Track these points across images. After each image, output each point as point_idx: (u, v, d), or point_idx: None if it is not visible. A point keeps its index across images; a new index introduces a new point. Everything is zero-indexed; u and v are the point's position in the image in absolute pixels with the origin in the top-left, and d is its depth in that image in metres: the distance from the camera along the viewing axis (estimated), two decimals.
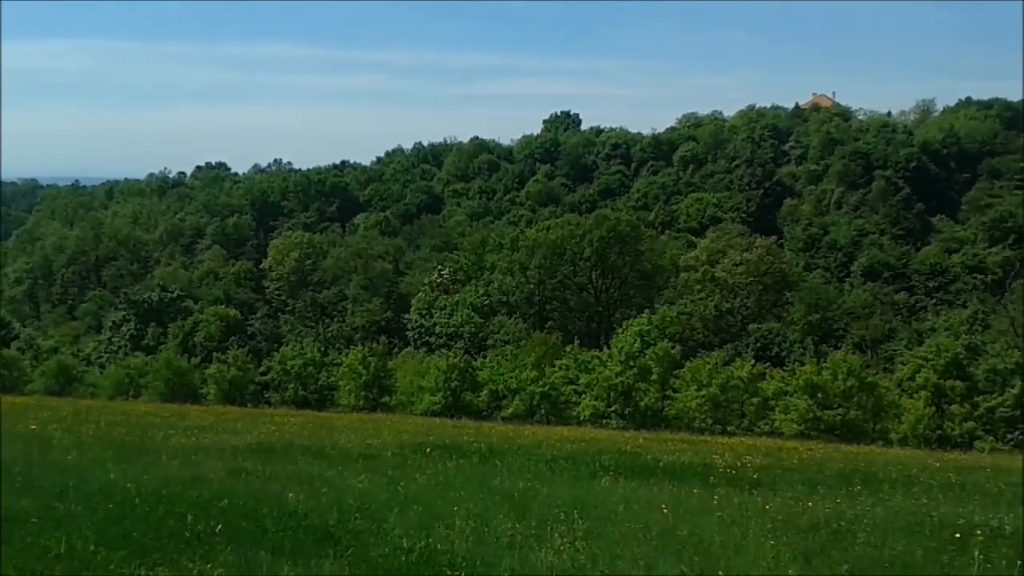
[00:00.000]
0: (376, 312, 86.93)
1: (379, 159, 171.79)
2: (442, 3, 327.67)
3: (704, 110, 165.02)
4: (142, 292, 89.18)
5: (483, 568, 9.99)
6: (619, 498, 15.22)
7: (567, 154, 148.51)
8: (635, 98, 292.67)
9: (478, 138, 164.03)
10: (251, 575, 9.58)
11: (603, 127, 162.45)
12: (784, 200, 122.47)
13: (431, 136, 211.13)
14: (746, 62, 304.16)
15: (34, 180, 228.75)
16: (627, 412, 46.48)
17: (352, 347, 59.77)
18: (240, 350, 60.40)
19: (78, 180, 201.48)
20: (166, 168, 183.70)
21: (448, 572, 9.78)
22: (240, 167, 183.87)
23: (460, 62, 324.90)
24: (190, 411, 40.71)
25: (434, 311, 79.49)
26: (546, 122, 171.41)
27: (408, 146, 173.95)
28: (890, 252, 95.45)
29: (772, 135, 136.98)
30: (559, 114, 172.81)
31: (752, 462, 23.94)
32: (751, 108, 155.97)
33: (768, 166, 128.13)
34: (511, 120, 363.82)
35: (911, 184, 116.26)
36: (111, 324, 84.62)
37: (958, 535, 12.31)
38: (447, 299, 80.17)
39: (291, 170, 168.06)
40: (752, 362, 48.64)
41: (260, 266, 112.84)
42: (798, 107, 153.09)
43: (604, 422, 45.82)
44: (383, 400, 52.53)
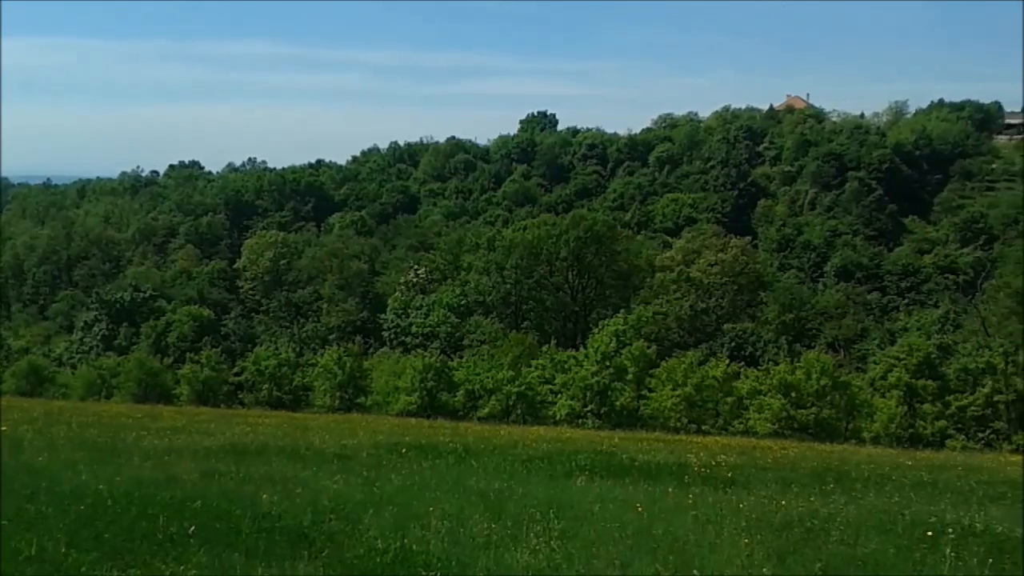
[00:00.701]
0: (351, 312, 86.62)
1: (355, 158, 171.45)
2: (418, 3, 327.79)
3: (680, 111, 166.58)
4: (114, 292, 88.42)
5: (458, 568, 9.96)
6: (595, 497, 15.24)
7: (543, 154, 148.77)
8: (611, 99, 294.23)
9: (454, 138, 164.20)
10: None
11: (579, 127, 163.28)
12: (758, 201, 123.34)
13: (407, 136, 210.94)
14: (721, 63, 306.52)
15: (5, 179, 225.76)
16: (603, 412, 46.59)
17: (327, 347, 59.55)
18: (213, 350, 60.02)
19: (49, 179, 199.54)
20: (138, 167, 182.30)
21: (423, 573, 9.75)
22: (214, 166, 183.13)
23: (436, 61, 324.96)
24: (163, 412, 40.36)
25: (410, 311, 79.33)
26: (522, 122, 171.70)
27: (384, 145, 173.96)
28: (863, 252, 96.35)
29: (747, 136, 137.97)
30: (536, 114, 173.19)
31: (726, 461, 24.06)
32: (726, 109, 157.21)
33: (743, 167, 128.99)
34: (488, 120, 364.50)
35: (884, 185, 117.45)
36: (83, 324, 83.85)
37: (930, 533, 12.42)
38: (423, 299, 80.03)
39: (265, 169, 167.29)
40: (727, 362, 48.93)
41: (234, 266, 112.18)
42: (772, 108, 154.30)
43: (580, 422, 45.88)
44: (358, 400, 52.33)
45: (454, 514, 12.86)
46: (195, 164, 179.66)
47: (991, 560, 10.88)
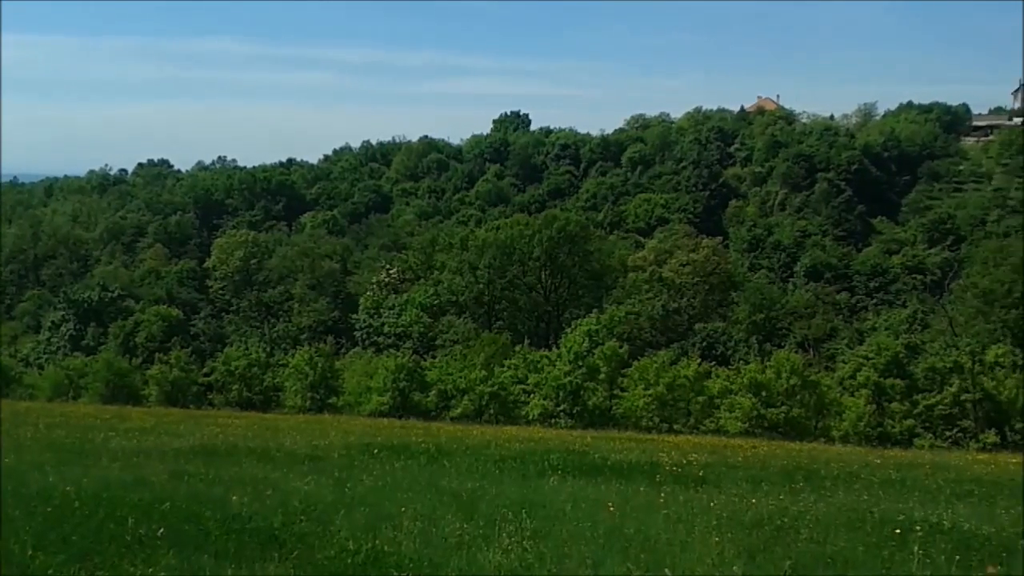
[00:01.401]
0: (323, 312, 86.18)
1: (326, 157, 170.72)
2: (391, 2, 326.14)
3: (652, 112, 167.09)
4: (82, 291, 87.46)
5: (430, 569, 9.95)
6: (567, 497, 15.27)
7: (516, 154, 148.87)
8: (584, 99, 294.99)
9: (427, 137, 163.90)
10: None
11: (552, 127, 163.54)
12: (729, 201, 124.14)
13: (379, 135, 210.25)
14: (693, 65, 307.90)
15: None
16: (575, 411, 46.67)
17: (298, 347, 59.20)
18: (183, 351, 59.53)
19: (16, 177, 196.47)
20: (107, 165, 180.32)
21: (395, 573, 9.72)
22: (183, 164, 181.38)
23: (409, 61, 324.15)
24: (131, 413, 40.03)
25: (382, 311, 79.05)
26: (496, 122, 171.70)
27: (356, 144, 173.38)
28: (832, 253, 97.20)
29: (718, 137, 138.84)
30: (509, 114, 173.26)
31: (698, 460, 24.21)
32: (697, 110, 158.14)
33: (714, 168, 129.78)
34: (460, 120, 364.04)
35: (853, 186, 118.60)
36: (50, 324, 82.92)
37: (898, 531, 12.54)
38: (396, 299, 79.78)
39: (236, 167, 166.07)
40: (698, 361, 49.19)
41: (203, 265, 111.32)
42: (743, 110, 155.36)
43: (553, 421, 45.94)
44: (330, 401, 52.07)
45: (426, 514, 12.84)
46: (164, 162, 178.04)
47: (958, 557, 11.02)
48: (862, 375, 44.43)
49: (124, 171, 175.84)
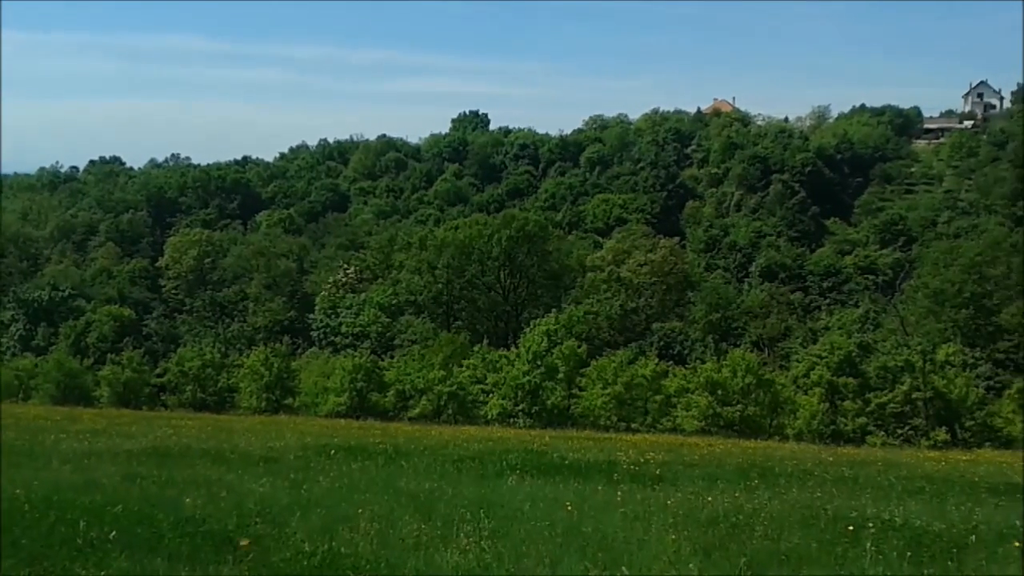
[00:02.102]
0: (279, 312, 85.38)
1: (283, 155, 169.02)
2: (346, 1, 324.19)
3: (610, 112, 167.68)
4: (32, 291, 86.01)
5: (387, 570, 9.89)
6: (525, 496, 15.29)
7: (475, 154, 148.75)
8: (543, 99, 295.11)
9: (385, 136, 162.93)
10: None
11: (511, 127, 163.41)
12: (687, 202, 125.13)
13: (337, 133, 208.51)
14: (651, 66, 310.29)
15: None
16: (534, 411, 46.78)
17: (254, 348, 58.66)
18: (135, 351, 58.90)
19: None
20: (57, 162, 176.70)
21: (352, 575, 9.65)
22: (136, 162, 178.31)
23: (366, 58, 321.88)
24: (82, 414, 39.43)
25: (340, 310, 78.56)
26: (454, 121, 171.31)
27: (313, 142, 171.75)
28: (786, 253, 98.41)
29: (675, 138, 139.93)
30: (467, 113, 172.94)
31: (655, 458, 24.39)
32: (655, 112, 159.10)
33: (671, 168, 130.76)
34: (419, 118, 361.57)
35: (806, 188, 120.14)
36: None
37: (851, 527, 12.71)
38: (353, 298, 79.32)
39: (190, 165, 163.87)
40: (655, 360, 49.62)
41: (156, 264, 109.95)
42: (700, 112, 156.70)
43: (511, 421, 46.04)
44: (286, 402, 51.70)
45: (383, 515, 12.77)
46: (116, 160, 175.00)
47: (910, 553, 11.19)
48: (815, 374, 45.06)
49: (75, 169, 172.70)
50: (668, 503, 15.11)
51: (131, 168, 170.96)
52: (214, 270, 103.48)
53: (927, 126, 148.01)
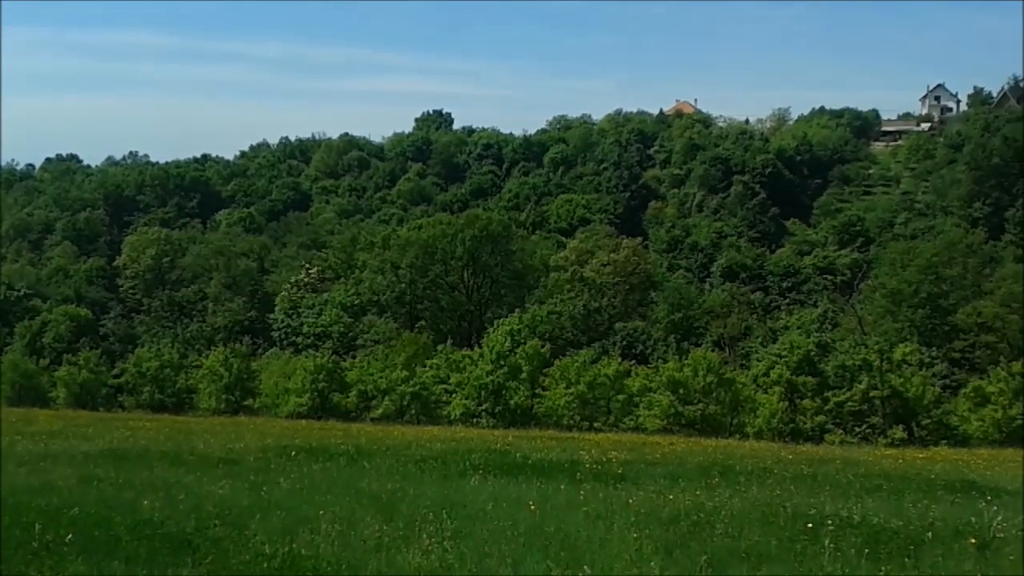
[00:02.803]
0: (239, 312, 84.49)
1: (243, 153, 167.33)
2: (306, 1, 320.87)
3: (574, 113, 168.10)
4: None
5: (349, 571, 9.84)
6: (488, 496, 15.28)
7: (439, 153, 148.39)
8: (506, 99, 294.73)
9: (348, 134, 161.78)
10: None
11: (475, 127, 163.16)
12: (649, 203, 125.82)
13: (298, 131, 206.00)
14: (613, 67, 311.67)
15: None
16: (497, 411, 46.77)
17: (213, 348, 57.99)
18: (92, 351, 58.01)
19: None
20: (13, 160, 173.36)
21: None
22: (93, 159, 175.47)
23: (328, 56, 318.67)
24: (38, 416, 38.79)
25: (301, 310, 77.96)
26: (418, 120, 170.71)
27: (274, 141, 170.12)
28: (747, 254, 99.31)
29: (638, 139, 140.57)
30: (431, 113, 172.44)
31: (617, 457, 24.49)
32: (618, 113, 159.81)
33: (634, 169, 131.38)
34: (382, 117, 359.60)
35: (767, 189, 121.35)
36: None
37: (810, 525, 12.86)
38: (315, 298, 78.75)
39: (148, 163, 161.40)
40: (618, 360, 49.82)
41: (114, 263, 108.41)
42: (662, 113, 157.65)
43: (475, 421, 45.98)
44: (246, 403, 51.22)
45: (345, 517, 12.70)
46: (73, 157, 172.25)
47: (867, 551, 11.34)
48: (775, 373, 45.51)
49: (31, 166, 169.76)
50: (630, 502, 15.18)
51: (88, 166, 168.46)
52: (173, 269, 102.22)
53: (885, 128, 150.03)
